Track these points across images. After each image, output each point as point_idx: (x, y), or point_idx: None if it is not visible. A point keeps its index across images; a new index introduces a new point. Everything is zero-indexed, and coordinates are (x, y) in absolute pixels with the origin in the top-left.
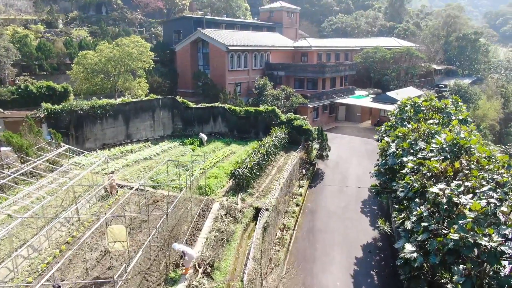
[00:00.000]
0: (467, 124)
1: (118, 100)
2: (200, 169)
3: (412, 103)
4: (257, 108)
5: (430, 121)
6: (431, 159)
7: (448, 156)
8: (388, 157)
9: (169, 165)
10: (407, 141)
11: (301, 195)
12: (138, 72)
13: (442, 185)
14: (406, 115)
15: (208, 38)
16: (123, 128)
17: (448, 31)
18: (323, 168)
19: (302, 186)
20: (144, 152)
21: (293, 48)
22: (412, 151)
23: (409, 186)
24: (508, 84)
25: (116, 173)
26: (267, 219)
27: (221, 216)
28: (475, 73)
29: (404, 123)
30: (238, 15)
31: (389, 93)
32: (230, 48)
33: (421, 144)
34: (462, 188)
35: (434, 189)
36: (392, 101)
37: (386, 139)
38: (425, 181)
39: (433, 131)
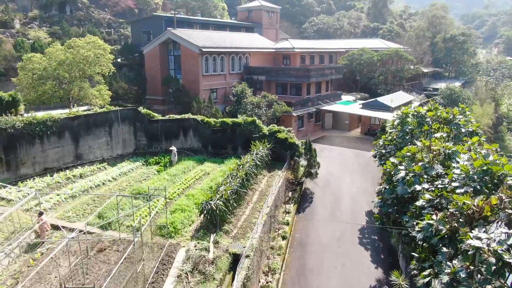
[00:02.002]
0: (478, 136)
1: (65, 114)
2: (165, 198)
3: (415, 113)
4: (235, 119)
5: (437, 135)
6: (456, 190)
7: (478, 187)
8: (396, 184)
9: (121, 198)
10: (420, 163)
11: (288, 224)
12: (96, 78)
13: (481, 233)
14: (409, 127)
15: (179, 38)
16: (71, 147)
17: (433, 32)
18: (312, 188)
19: (288, 212)
20: (97, 176)
21: (274, 50)
22: (426, 176)
23: (432, 229)
24: (497, 86)
25: (53, 210)
26: (248, 270)
27: (186, 273)
28: (462, 76)
29: (407, 137)
30: (215, 15)
31: (380, 99)
32: (204, 50)
33: (438, 168)
34: None
35: (475, 242)
36: (384, 107)
37: (392, 160)
38: (455, 224)
39: (449, 151)
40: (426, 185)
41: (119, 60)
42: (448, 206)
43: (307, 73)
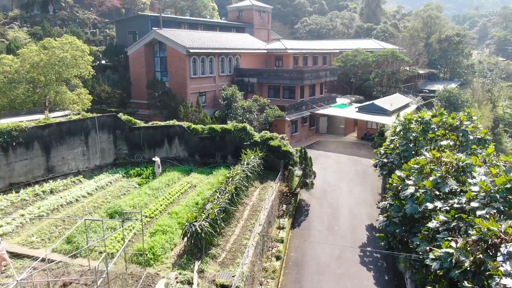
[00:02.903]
0: (487, 144)
1: (34, 122)
2: (142, 221)
3: (419, 119)
4: (224, 126)
5: (444, 142)
6: (477, 212)
7: (502, 208)
8: (404, 201)
9: (95, 214)
10: (431, 178)
11: (282, 241)
12: (73, 82)
13: None
14: (413, 135)
15: (165, 39)
16: (42, 159)
17: (428, 33)
18: (307, 199)
19: (283, 228)
20: (71, 191)
21: (266, 51)
22: (438, 193)
23: (451, 259)
24: (494, 88)
25: (15, 234)
26: None
27: None
28: (457, 77)
29: (411, 145)
30: (205, 15)
31: (377, 102)
32: (191, 51)
33: (452, 184)
34: None
35: (508, 282)
36: (381, 111)
37: (399, 173)
38: (480, 256)
39: (462, 163)
40: (439, 203)
41: (103, 62)
42: (469, 231)
43: (301, 75)
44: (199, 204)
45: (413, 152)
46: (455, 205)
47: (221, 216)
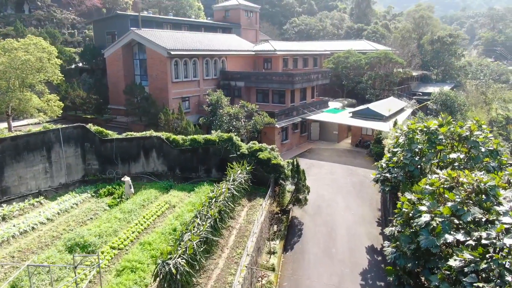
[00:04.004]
0: (499, 156)
1: None
2: (113, 249)
3: (425, 129)
4: (208, 136)
5: (453, 155)
6: None
7: None
8: (417, 230)
9: (51, 248)
10: (449, 204)
11: (273, 269)
12: (38, 88)
13: None
14: (419, 146)
15: (144, 40)
16: None
17: (419, 34)
18: (300, 217)
19: (274, 252)
20: (27, 217)
21: (254, 53)
22: (459, 222)
23: None
24: (488, 90)
25: None
26: None
27: None
28: (450, 79)
29: (416, 159)
30: (190, 15)
31: (372, 107)
32: (173, 53)
33: (475, 211)
34: None
35: None
36: (377, 116)
37: (409, 196)
38: None
39: (484, 185)
40: (460, 236)
41: (80, 64)
42: (505, 277)
43: (291, 79)
44: (177, 231)
45: (418, 165)
46: (483, 241)
47: (202, 249)
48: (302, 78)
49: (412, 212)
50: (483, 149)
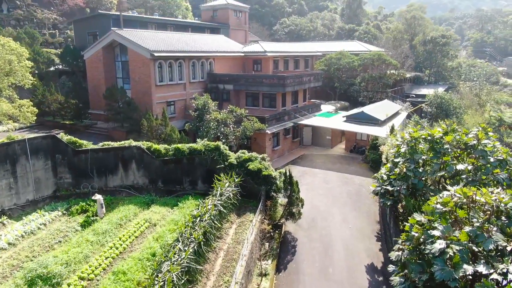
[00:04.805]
0: (508, 167)
1: None
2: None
3: (429, 137)
4: (193, 145)
5: (461, 167)
6: None
7: None
8: (430, 259)
9: (9, 281)
10: (466, 229)
11: None
12: (5, 93)
13: None
14: (423, 157)
15: (126, 41)
16: None
17: (412, 34)
18: (294, 231)
19: (265, 274)
20: None
21: (243, 54)
22: (479, 250)
23: None
24: (481, 92)
25: None
26: None
27: None
28: (443, 80)
29: (420, 170)
30: (177, 15)
31: (367, 111)
32: (156, 54)
33: (498, 237)
34: None
35: None
36: (372, 120)
37: (418, 218)
38: None
39: (505, 205)
40: (482, 268)
41: (60, 66)
42: None
43: (283, 81)
44: (157, 256)
45: (423, 178)
46: (510, 274)
47: (183, 281)
48: (294, 80)
49: (423, 236)
50: (492, 159)
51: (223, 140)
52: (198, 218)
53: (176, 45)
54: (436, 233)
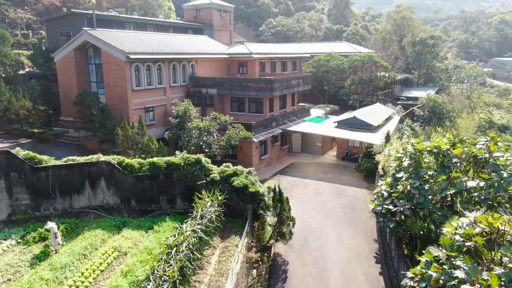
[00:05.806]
0: None
1: None
2: None
3: (434, 149)
4: (171, 159)
5: (472, 183)
6: None
7: None
8: None
9: None
10: (497, 271)
11: None
12: None
13: None
14: (429, 173)
15: (99, 41)
16: None
17: (401, 35)
18: (284, 254)
19: None
20: None
21: (227, 56)
22: None
23: None
24: (472, 94)
25: None
26: None
27: None
28: (432, 82)
29: (426, 187)
30: (158, 15)
31: (359, 116)
32: (133, 56)
33: None
34: None
35: None
36: (364, 126)
37: (435, 253)
38: None
39: None
40: None
41: (29, 69)
42: None
43: (270, 85)
44: None
45: (429, 196)
46: None
47: None
48: (282, 84)
49: (442, 277)
50: (505, 174)
51: (206, 150)
52: (174, 249)
53: (155, 47)
54: (459, 274)
